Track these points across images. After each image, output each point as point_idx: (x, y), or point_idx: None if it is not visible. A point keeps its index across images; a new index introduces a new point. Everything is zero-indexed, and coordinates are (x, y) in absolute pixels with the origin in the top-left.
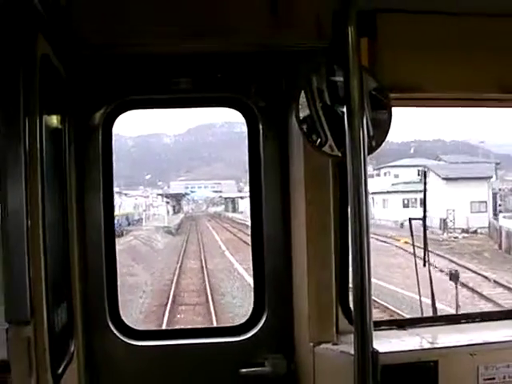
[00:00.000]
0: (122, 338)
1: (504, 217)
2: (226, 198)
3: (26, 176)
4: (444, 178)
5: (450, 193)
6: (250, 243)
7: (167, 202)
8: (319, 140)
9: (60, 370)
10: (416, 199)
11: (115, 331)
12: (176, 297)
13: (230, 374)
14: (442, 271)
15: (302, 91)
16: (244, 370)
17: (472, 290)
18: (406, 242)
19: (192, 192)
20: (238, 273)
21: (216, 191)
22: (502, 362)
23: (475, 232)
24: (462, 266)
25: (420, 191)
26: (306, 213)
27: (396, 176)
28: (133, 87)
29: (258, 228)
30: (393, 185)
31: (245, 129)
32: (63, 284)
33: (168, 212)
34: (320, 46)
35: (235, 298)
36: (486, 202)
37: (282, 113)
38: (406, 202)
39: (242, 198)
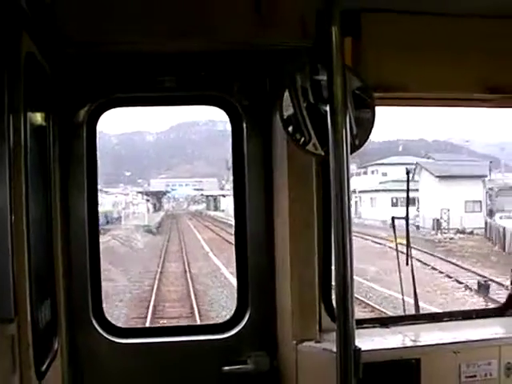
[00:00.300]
0: (105, 335)
1: (501, 217)
2: (207, 196)
3: (10, 173)
4: (437, 176)
5: (443, 191)
6: (230, 241)
7: (147, 200)
8: (303, 139)
9: (44, 368)
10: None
11: (99, 329)
12: (156, 307)
13: (213, 371)
14: (450, 277)
15: (286, 90)
16: (227, 368)
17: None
18: (399, 243)
19: (173, 190)
20: (225, 278)
21: (197, 189)
22: (483, 359)
23: (471, 233)
24: (468, 269)
25: (410, 190)
26: (289, 211)
27: (384, 174)
28: (117, 85)
29: (241, 226)
30: (381, 183)
31: (227, 127)
32: (47, 281)
33: (148, 210)
34: (304, 46)
35: (225, 308)
36: (480, 201)
37: (265, 111)
38: (394, 200)
39: (224, 196)
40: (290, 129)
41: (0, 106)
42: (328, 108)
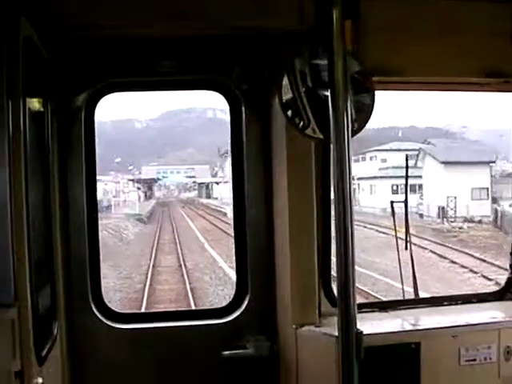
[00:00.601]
0: (104, 320)
1: (510, 205)
2: (199, 184)
3: (9, 159)
4: (443, 162)
5: (448, 178)
6: (229, 233)
7: (138, 188)
8: (302, 123)
9: (44, 353)
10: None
11: (98, 314)
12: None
13: (213, 356)
14: (474, 272)
15: (285, 74)
16: (227, 352)
17: None
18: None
19: (164, 177)
20: (225, 273)
21: (189, 176)
22: (482, 343)
23: (480, 222)
24: (492, 263)
25: (411, 176)
26: (288, 195)
27: (383, 160)
28: (115, 70)
29: (240, 211)
30: (380, 169)
31: (218, 114)
32: (46, 267)
33: (139, 198)
34: (303, 29)
35: None
36: (487, 188)
37: (264, 96)
38: (395, 187)
39: (217, 183)
40: (289, 113)
41: None
42: (329, 92)
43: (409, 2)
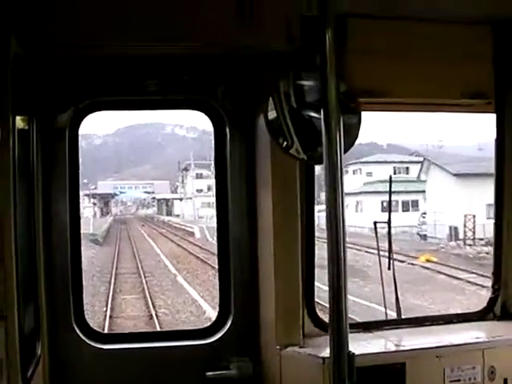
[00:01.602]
0: (87, 341)
1: None
2: (159, 200)
3: None
4: (456, 175)
5: (461, 193)
6: (204, 259)
7: (94, 204)
8: (286, 143)
9: (29, 374)
10: (398, 201)
11: (81, 334)
12: None
13: (196, 376)
14: None
15: (270, 95)
16: (210, 373)
17: None
18: (428, 260)
19: (122, 193)
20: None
21: (148, 192)
22: (467, 363)
23: None
24: None
25: (401, 192)
26: (272, 214)
27: (369, 174)
28: (100, 88)
29: (223, 230)
30: (366, 184)
31: (176, 131)
32: (30, 285)
33: (95, 214)
34: (288, 50)
35: None
36: None
37: (248, 116)
38: (385, 204)
39: (180, 199)
40: (274, 133)
41: None
42: (322, 112)
43: (393, 24)
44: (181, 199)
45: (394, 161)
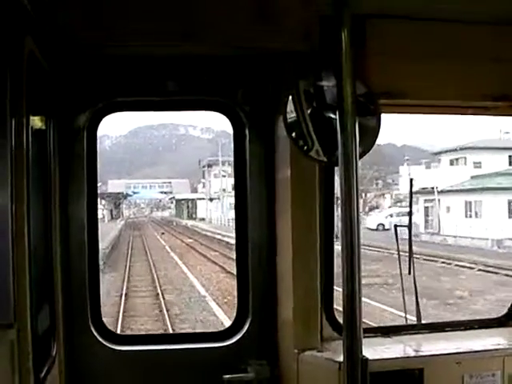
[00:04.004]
0: (103, 342)
1: None
2: (178, 201)
3: (12, 178)
4: None
5: None
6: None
7: (103, 206)
8: (305, 145)
9: (42, 374)
10: None
11: (97, 335)
12: None
13: (213, 379)
14: None
15: (289, 96)
16: (227, 376)
17: None
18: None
19: (135, 193)
20: None
21: (164, 192)
22: (486, 370)
23: None
24: None
25: None
26: (292, 217)
27: (477, 165)
28: (119, 89)
29: (242, 232)
30: (473, 178)
31: (190, 131)
32: (46, 287)
33: (103, 218)
34: (307, 50)
35: None
36: None
37: (268, 117)
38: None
39: (211, 199)
40: (293, 135)
41: (2, 109)
42: (335, 114)
43: (414, 25)
44: (211, 199)
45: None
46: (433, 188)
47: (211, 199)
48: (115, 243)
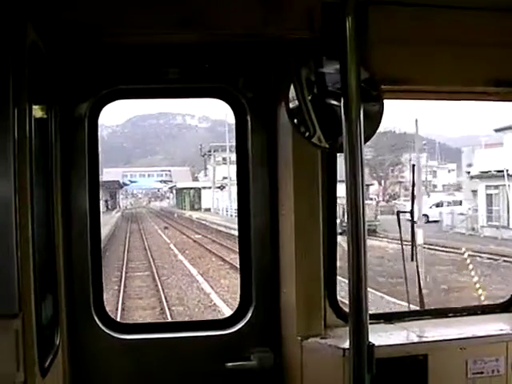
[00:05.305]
0: (106, 330)
1: None
2: (179, 190)
3: (15, 167)
4: None
5: None
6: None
7: None
8: (307, 132)
9: (47, 364)
10: None
11: (100, 324)
12: None
13: (216, 367)
14: None
15: (291, 83)
16: (230, 364)
17: None
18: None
19: (132, 182)
20: None
21: (164, 181)
22: (490, 356)
23: None
24: None
25: None
26: (294, 203)
27: None
28: (120, 77)
29: (245, 220)
30: None
31: (187, 120)
32: (49, 276)
33: None
34: (310, 38)
35: None
36: None
37: (270, 104)
38: None
39: (222, 187)
40: (295, 121)
41: (5, 98)
42: (336, 101)
43: (417, 11)
44: (221, 187)
45: None
46: (498, 172)
47: (221, 187)
48: (108, 243)
